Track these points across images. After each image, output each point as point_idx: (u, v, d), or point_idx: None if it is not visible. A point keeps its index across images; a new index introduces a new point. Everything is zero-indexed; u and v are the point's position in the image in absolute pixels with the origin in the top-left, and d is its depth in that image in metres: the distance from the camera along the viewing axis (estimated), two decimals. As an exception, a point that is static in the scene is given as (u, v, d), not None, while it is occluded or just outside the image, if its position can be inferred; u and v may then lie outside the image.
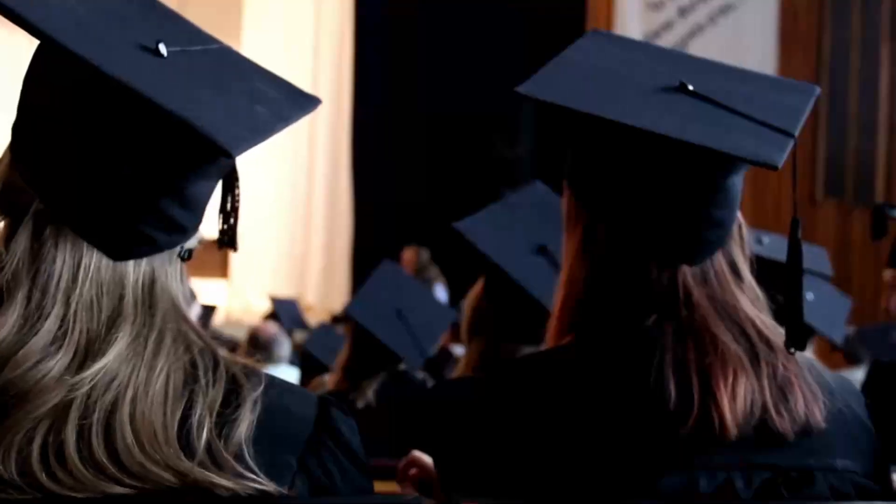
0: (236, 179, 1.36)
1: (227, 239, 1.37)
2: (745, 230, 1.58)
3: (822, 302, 3.60)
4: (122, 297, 1.28)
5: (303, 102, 1.37)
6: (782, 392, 1.48)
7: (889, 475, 1.56)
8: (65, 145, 1.27)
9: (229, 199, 1.36)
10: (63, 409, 1.21)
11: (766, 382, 1.47)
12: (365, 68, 11.55)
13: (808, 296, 3.56)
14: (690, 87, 1.51)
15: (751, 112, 1.49)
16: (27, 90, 1.31)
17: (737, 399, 1.44)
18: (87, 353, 1.24)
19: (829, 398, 1.51)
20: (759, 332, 1.51)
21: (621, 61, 1.60)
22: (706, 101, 1.50)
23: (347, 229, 11.69)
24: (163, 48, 1.29)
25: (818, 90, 1.62)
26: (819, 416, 1.48)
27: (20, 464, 1.18)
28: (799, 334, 1.47)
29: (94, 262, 1.28)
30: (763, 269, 1.60)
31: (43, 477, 1.18)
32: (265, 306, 9.19)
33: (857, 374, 5.25)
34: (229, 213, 1.37)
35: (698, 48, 9.37)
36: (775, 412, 1.46)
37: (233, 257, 10.62)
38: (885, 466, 1.56)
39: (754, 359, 1.49)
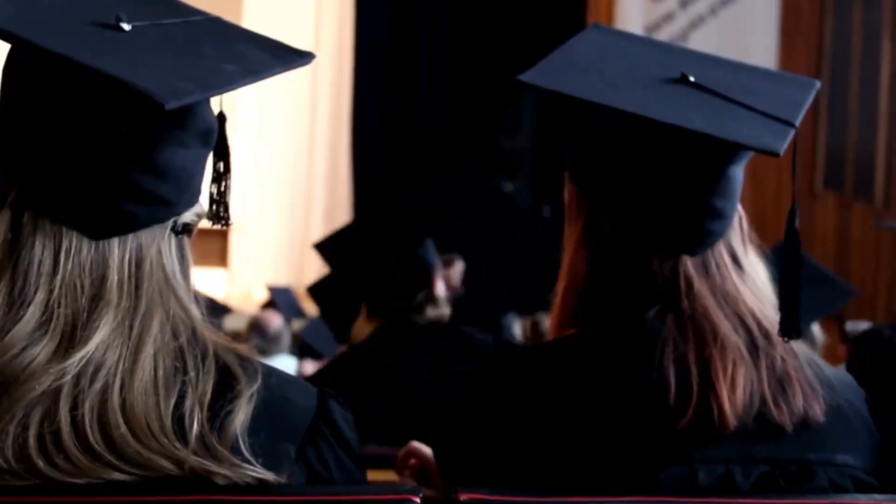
0: (226, 151, 1.33)
1: (218, 214, 1.35)
2: (745, 221, 1.58)
3: (809, 293, 3.60)
4: (104, 279, 1.26)
5: (289, 58, 1.34)
6: (781, 384, 1.47)
7: (892, 469, 1.55)
8: (23, 127, 1.27)
9: (219, 172, 1.33)
10: (53, 396, 1.20)
11: (764, 374, 1.47)
12: (365, 59, 11.53)
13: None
14: (692, 79, 1.51)
15: (752, 102, 1.49)
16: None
17: (736, 390, 1.44)
18: (72, 339, 1.23)
19: (830, 393, 1.50)
20: (759, 324, 1.51)
21: (623, 53, 1.60)
22: (707, 92, 1.50)
23: (347, 219, 11.69)
24: (125, 24, 1.28)
25: (818, 84, 1.62)
26: (818, 411, 1.48)
27: (17, 451, 1.18)
28: (795, 323, 1.47)
29: (75, 243, 1.26)
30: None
31: (41, 464, 1.18)
32: (265, 295, 9.18)
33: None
34: (220, 187, 1.34)
35: (699, 40, 9.35)
36: (773, 404, 1.46)
37: (232, 246, 10.62)
38: (886, 461, 1.56)
39: (753, 350, 1.49)
